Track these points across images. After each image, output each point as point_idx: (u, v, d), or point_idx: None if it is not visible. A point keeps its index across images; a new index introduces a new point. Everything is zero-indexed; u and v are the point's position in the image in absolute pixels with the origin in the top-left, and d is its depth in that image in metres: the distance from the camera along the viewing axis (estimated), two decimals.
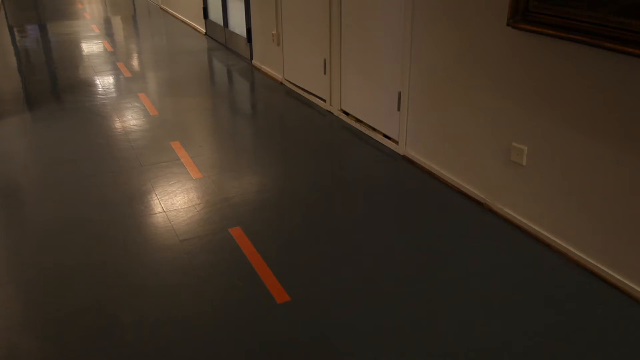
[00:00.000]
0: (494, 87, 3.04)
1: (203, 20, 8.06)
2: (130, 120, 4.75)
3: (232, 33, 7.05)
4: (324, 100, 4.96)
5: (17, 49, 7.57)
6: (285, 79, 5.66)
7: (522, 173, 2.97)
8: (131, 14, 10.32)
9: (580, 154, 2.63)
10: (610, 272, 2.60)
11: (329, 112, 4.87)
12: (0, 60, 6.81)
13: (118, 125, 4.63)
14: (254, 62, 6.43)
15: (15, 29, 8.90)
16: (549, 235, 2.88)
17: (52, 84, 5.84)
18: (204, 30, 8.11)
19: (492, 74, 3.03)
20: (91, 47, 7.51)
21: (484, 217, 3.16)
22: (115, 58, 6.87)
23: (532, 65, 2.77)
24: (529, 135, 2.89)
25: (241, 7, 6.60)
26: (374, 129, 4.30)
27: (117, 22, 9.60)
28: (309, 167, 3.82)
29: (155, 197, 3.42)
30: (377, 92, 4.17)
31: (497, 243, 2.92)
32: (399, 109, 3.90)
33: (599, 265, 2.64)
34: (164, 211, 3.27)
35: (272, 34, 5.73)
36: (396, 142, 4.03)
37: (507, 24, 2.76)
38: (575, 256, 2.74)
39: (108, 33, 8.49)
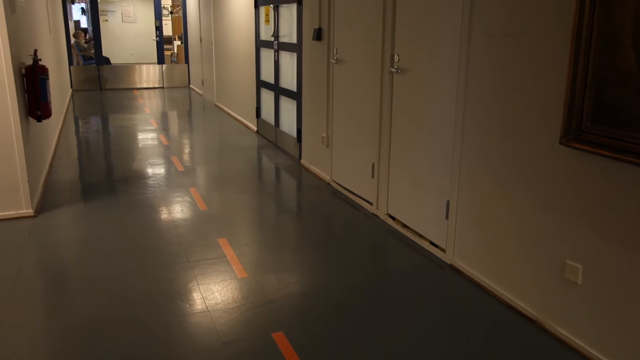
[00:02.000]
0: (546, 203, 3.01)
1: (255, 119, 8.40)
2: (180, 213, 4.87)
3: (283, 132, 7.30)
4: (371, 204, 4.99)
5: (79, 139, 8.01)
6: (333, 180, 5.76)
7: (578, 292, 2.86)
8: (187, 110, 10.87)
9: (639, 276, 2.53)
10: None
11: (375, 215, 4.89)
12: (63, 150, 7.20)
13: (168, 218, 4.74)
14: (303, 161, 6.59)
15: (80, 120, 9.46)
16: None
17: (108, 175, 6.09)
18: (256, 128, 8.43)
19: (544, 190, 3.01)
20: (148, 140, 7.88)
21: (536, 337, 3.02)
22: (169, 152, 7.17)
23: (586, 183, 2.75)
24: (584, 253, 2.81)
25: (293, 108, 6.88)
26: (421, 236, 4.27)
27: (174, 117, 10.11)
28: (353, 272, 3.78)
29: (200, 296, 3.43)
30: (425, 199, 4.18)
31: None
32: (447, 218, 3.88)
33: None
34: (208, 310, 3.25)
35: (322, 136, 5.91)
36: (443, 251, 3.98)
37: (560, 143, 2.78)
38: None
39: (165, 127, 8.92)
